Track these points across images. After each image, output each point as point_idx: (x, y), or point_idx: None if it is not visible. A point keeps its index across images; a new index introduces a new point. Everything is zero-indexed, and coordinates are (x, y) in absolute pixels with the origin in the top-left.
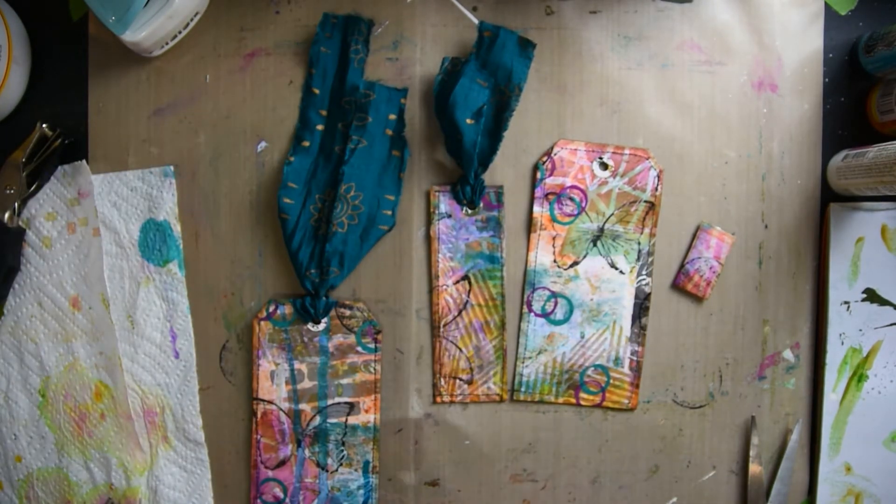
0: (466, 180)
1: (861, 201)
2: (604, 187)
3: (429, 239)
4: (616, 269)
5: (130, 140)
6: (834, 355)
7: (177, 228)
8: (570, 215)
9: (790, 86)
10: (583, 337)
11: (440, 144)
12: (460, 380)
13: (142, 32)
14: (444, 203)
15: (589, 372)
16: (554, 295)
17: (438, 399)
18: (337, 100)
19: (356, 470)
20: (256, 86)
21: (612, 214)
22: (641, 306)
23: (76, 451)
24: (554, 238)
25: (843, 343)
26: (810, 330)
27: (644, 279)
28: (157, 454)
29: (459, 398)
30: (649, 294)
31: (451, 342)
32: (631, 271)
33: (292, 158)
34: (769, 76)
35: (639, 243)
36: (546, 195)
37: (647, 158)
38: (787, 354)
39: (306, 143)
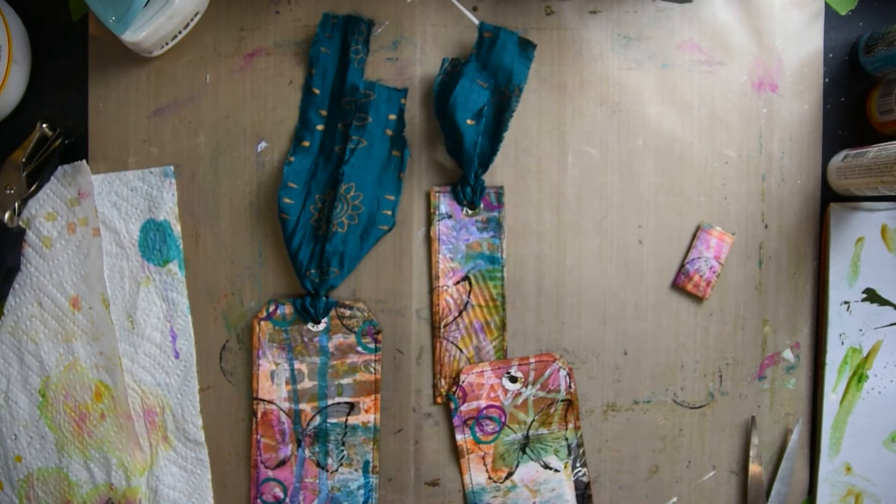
0: (467, 181)
1: (861, 201)
2: (518, 398)
3: (429, 239)
4: (550, 468)
5: (130, 140)
6: (834, 355)
7: (177, 228)
8: (492, 433)
9: (790, 86)
10: None
11: (440, 145)
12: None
13: (142, 32)
14: (445, 203)
15: None
16: None
17: (438, 399)
18: (337, 100)
19: (356, 470)
20: (256, 86)
21: (534, 420)
22: (584, 496)
23: (76, 451)
24: (483, 457)
25: (843, 343)
26: (810, 330)
27: (580, 471)
28: (157, 454)
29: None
30: (588, 483)
31: (452, 343)
32: (565, 467)
33: (292, 158)
34: (769, 76)
35: (566, 439)
36: (465, 422)
37: (554, 361)
38: (787, 354)
39: (306, 143)
